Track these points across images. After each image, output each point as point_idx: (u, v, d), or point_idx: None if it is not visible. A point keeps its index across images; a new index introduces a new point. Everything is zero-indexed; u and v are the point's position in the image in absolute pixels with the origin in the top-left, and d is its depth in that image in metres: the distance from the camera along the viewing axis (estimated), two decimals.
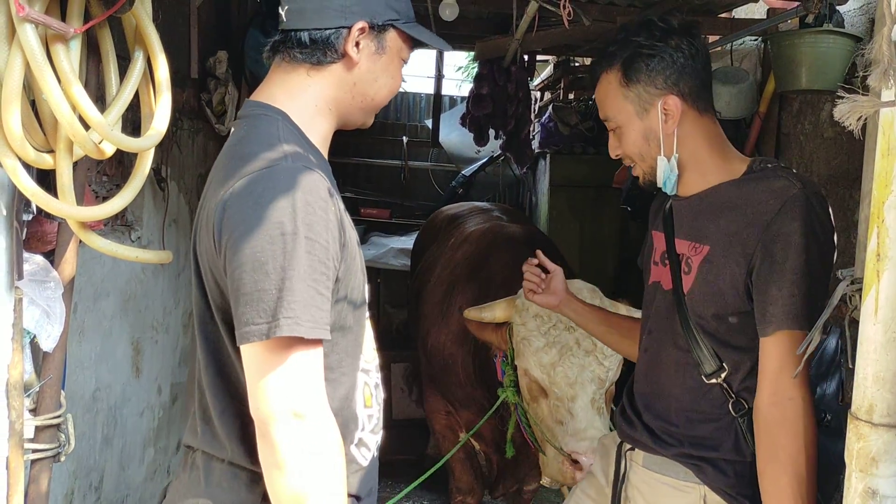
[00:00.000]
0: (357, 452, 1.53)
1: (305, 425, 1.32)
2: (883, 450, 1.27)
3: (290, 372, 1.32)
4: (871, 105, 1.19)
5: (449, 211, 4.71)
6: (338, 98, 1.50)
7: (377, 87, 1.52)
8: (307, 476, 1.32)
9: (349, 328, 1.48)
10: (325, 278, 1.34)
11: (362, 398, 1.54)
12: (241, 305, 1.32)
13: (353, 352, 1.51)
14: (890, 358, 1.27)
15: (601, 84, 1.79)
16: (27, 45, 1.46)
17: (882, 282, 1.26)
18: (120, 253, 1.83)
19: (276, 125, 1.43)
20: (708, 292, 1.67)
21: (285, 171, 1.33)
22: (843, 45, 2.90)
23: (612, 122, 1.77)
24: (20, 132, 1.52)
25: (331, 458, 1.35)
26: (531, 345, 2.60)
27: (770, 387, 1.58)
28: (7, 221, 1.70)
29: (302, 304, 1.30)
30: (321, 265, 1.33)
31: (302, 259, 1.30)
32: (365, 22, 1.45)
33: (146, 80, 1.78)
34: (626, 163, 1.82)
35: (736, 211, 1.65)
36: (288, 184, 1.31)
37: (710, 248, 1.68)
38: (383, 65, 1.51)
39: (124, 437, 3.15)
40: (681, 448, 1.73)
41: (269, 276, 1.29)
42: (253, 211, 1.31)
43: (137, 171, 1.79)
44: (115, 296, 2.97)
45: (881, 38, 1.18)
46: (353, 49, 1.46)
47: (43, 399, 1.87)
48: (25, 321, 1.77)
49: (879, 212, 1.26)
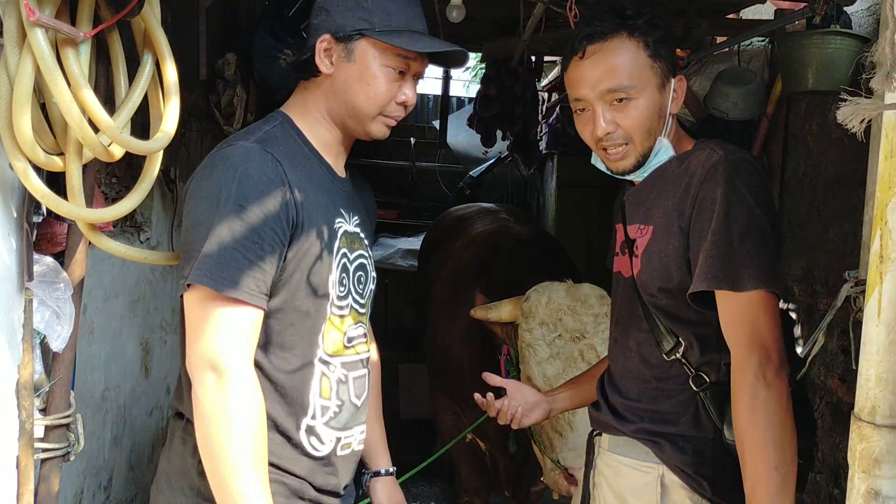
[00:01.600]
0: (304, 439, 1.61)
1: (221, 380, 1.44)
2: (886, 451, 1.27)
3: (210, 326, 1.45)
4: (873, 108, 1.20)
5: (456, 212, 4.72)
6: (328, 107, 1.66)
7: (352, 94, 1.63)
8: (219, 429, 1.43)
9: (306, 313, 1.58)
10: (256, 247, 1.46)
11: (318, 387, 1.61)
12: (182, 262, 1.51)
13: (310, 338, 1.60)
14: (893, 359, 1.27)
15: (616, 48, 1.67)
16: (38, 49, 1.47)
17: (885, 283, 1.27)
18: (129, 254, 1.84)
19: (272, 123, 1.63)
20: (653, 269, 1.68)
21: (239, 150, 1.51)
22: (851, 46, 2.89)
23: (625, 91, 1.66)
24: (31, 135, 1.54)
25: (244, 416, 1.44)
26: (536, 354, 2.60)
27: (733, 348, 1.58)
28: (17, 223, 1.71)
29: (217, 259, 1.43)
30: (254, 234, 1.45)
31: (231, 222, 1.44)
32: (328, 35, 1.61)
33: (155, 83, 1.80)
34: (610, 142, 1.71)
35: (674, 187, 1.67)
36: (237, 160, 1.49)
37: (654, 228, 1.70)
38: (355, 73, 1.62)
39: (133, 437, 3.17)
40: (640, 423, 1.73)
41: (201, 234, 1.45)
42: (204, 180, 1.50)
43: (146, 173, 1.80)
44: (124, 297, 2.99)
45: (884, 41, 1.19)
46: (322, 62, 1.62)
47: (53, 399, 1.88)
48: (35, 322, 1.79)
49: (882, 214, 1.26)
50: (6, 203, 1.68)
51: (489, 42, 4.45)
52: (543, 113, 6.48)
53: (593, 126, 1.70)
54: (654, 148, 1.71)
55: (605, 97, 1.67)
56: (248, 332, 1.48)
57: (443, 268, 3.92)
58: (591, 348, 2.54)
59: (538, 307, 2.64)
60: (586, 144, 1.78)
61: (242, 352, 1.47)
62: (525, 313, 2.68)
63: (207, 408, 1.44)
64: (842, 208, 3.05)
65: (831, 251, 3.09)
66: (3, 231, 1.68)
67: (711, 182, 1.59)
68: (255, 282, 1.46)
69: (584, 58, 1.69)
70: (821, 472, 3.01)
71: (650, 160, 1.72)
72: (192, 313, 1.47)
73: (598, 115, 1.69)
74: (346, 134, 1.71)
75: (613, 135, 1.69)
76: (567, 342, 2.59)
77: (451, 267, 3.81)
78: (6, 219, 1.68)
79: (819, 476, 3.01)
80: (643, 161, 1.72)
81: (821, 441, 2.99)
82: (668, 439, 1.70)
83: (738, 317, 1.57)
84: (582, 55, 1.69)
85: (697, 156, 1.67)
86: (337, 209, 1.65)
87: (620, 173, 1.76)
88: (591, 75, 1.68)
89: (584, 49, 1.68)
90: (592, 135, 1.72)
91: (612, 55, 1.67)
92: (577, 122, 1.77)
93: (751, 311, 1.56)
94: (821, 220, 3.20)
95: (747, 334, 1.56)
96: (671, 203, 1.66)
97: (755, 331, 1.55)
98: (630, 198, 1.82)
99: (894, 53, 1.17)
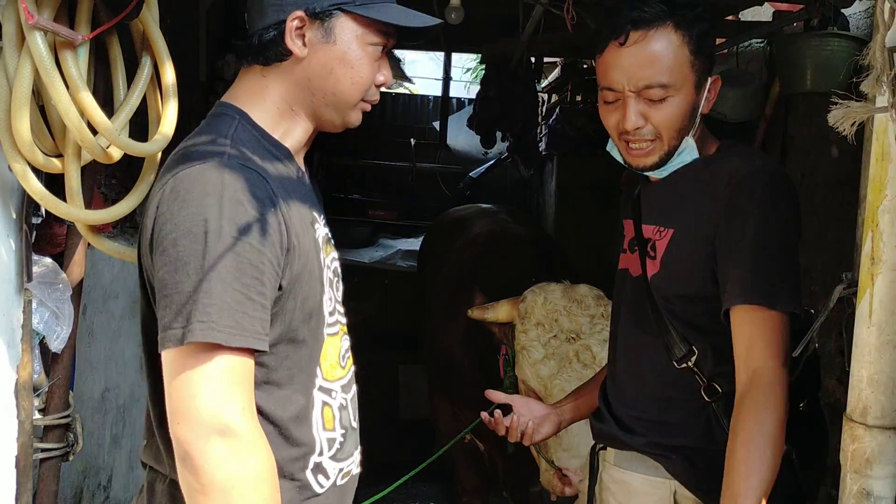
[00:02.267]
0: (312, 478, 1.41)
1: (236, 445, 1.19)
2: (877, 451, 1.29)
3: (212, 383, 1.19)
4: (864, 111, 1.21)
5: (455, 213, 4.72)
6: (297, 97, 1.40)
7: (334, 80, 1.39)
8: (242, 500, 1.20)
9: (302, 341, 1.37)
10: (256, 283, 1.23)
11: (321, 419, 1.42)
12: (160, 308, 1.22)
13: (308, 368, 1.40)
14: (884, 360, 1.28)
15: (660, 39, 1.55)
16: (36, 52, 1.49)
17: (876, 285, 1.28)
18: (127, 255, 1.86)
19: (230, 124, 1.36)
20: (673, 275, 1.63)
21: (216, 169, 1.25)
22: (848, 47, 2.90)
23: (664, 89, 1.56)
24: (29, 137, 1.55)
25: (262, 481, 1.23)
26: (530, 356, 2.60)
27: (742, 364, 1.53)
28: (17, 225, 1.73)
29: (220, 307, 1.19)
30: (251, 268, 1.22)
31: (226, 260, 1.20)
32: (301, 11, 1.34)
33: (153, 85, 1.81)
34: (636, 137, 1.61)
35: (701, 191, 1.61)
36: (217, 181, 1.23)
37: (675, 231, 1.64)
38: (337, 55, 1.37)
39: (133, 437, 3.18)
40: (650, 437, 1.67)
41: (190, 277, 1.19)
42: (179, 209, 1.22)
43: (145, 174, 1.82)
44: (123, 297, 3.00)
45: (875, 45, 1.20)
46: (293, 43, 1.35)
47: (52, 399, 1.90)
48: (34, 322, 1.80)
49: (874, 216, 1.27)
50: (5, 205, 1.69)
51: (489, 43, 4.46)
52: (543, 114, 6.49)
53: (622, 118, 1.60)
54: (679, 147, 1.62)
55: (641, 92, 1.57)
56: (251, 381, 1.26)
57: (442, 269, 3.92)
58: (586, 349, 2.53)
59: (534, 308, 2.64)
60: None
61: (251, 406, 1.25)
62: (521, 314, 2.68)
63: (224, 480, 1.19)
64: (840, 210, 3.06)
65: (829, 252, 3.10)
66: (2, 232, 1.69)
67: (746, 193, 1.54)
68: (260, 324, 1.24)
69: (625, 44, 1.56)
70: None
71: (673, 159, 1.63)
72: (184, 369, 1.20)
73: (629, 107, 1.58)
74: (316, 126, 1.46)
75: (642, 130, 1.59)
76: (562, 343, 2.59)
77: (451, 268, 3.82)
78: (5, 220, 1.70)
79: None
80: (666, 159, 1.63)
81: None
82: (679, 453, 1.64)
83: (761, 333, 1.51)
84: (623, 41, 1.55)
85: (730, 161, 1.60)
86: (312, 215, 1.43)
87: (640, 170, 1.67)
88: (630, 65, 1.56)
89: (628, 34, 1.55)
90: (618, 126, 1.61)
91: (655, 47, 1.55)
92: (603, 109, 1.66)
93: (775, 330, 1.51)
94: (819, 222, 3.21)
95: (769, 351, 1.51)
96: (697, 208, 1.60)
97: (776, 348, 1.51)
98: (646, 195, 1.73)
99: (884, 57, 1.18)
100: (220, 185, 1.23)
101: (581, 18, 2.99)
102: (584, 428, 2.47)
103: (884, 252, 1.26)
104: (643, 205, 1.74)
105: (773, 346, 1.51)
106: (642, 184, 1.76)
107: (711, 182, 1.60)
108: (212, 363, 1.20)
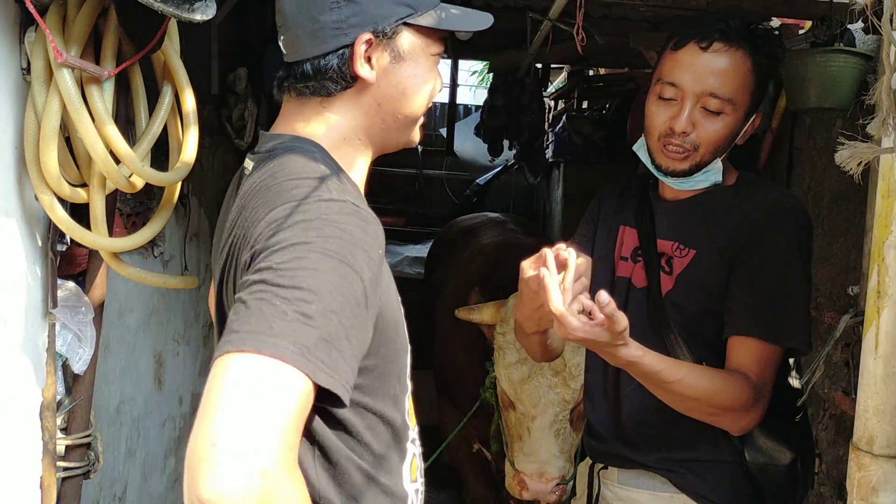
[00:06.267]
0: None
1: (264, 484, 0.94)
2: (883, 479, 1.32)
3: (273, 408, 0.95)
4: (870, 151, 1.24)
5: (463, 223, 4.75)
6: (365, 125, 1.28)
7: (406, 100, 1.28)
8: None
9: (394, 396, 1.27)
10: (358, 332, 1.07)
11: (409, 471, 1.30)
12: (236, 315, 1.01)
13: (403, 419, 1.30)
14: (890, 391, 1.32)
15: (737, 58, 1.61)
16: (65, 88, 1.53)
17: (882, 318, 1.32)
18: (148, 279, 1.90)
19: (316, 158, 1.22)
20: (692, 292, 1.67)
21: (342, 207, 1.11)
22: (854, 63, 2.92)
23: (725, 103, 1.61)
24: (57, 170, 1.59)
25: None
26: (504, 357, 2.64)
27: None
28: (42, 252, 1.77)
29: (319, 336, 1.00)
30: (357, 318, 1.07)
31: (347, 300, 1.05)
32: (369, 33, 1.22)
33: (174, 112, 1.85)
34: (678, 141, 1.63)
35: (727, 217, 1.68)
36: (350, 223, 1.10)
37: (697, 252, 1.69)
38: (408, 73, 1.27)
39: (147, 448, 3.22)
40: (658, 452, 1.70)
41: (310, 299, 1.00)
42: (322, 239, 1.06)
43: (166, 201, 1.86)
44: (138, 311, 3.04)
45: (881, 87, 1.24)
46: (363, 69, 1.23)
47: (74, 419, 1.94)
48: (58, 345, 1.84)
49: (880, 251, 1.31)
50: (32, 233, 1.73)
51: (496, 52, 4.49)
52: (550, 121, 6.53)
53: (674, 117, 1.63)
54: (710, 165, 1.67)
55: (703, 98, 1.61)
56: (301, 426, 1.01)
57: (449, 278, 3.95)
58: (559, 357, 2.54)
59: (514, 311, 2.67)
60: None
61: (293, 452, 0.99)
62: (502, 317, 2.71)
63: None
64: (845, 222, 3.08)
65: (835, 264, 3.13)
66: (28, 260, 1.73)
67: (777, 228, 1.62)
68: (350, 373, 1.05)
69: (707, 49, 1.61)
70: (825, 483, 3.05)
71: (698, 174, 1.67)
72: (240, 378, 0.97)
73: (684, 110, 1.62)
74: (380, 151, 1.35)
75: (687, 136, 1.63)
76: None
77: (458, 277, 3.85)
78: (32, 248, 1.73)
79: (823, 488, 3.05)
80: (695, 170, 1.67)
81: (824, 453, 3.03)
82: (688, 467, 1.68)
83: (757, 359, 1.60)
84: (706, 46, 1.61)
85: (763, 193, 1.70)
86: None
87: (668, 173, 1.68)
88: (704, 70, 1.61)
89: (712, 41, 1.60)
90: (665, 125, 1.64)
91: (730, 62, 1.61)
92: (654, 104, 1.68)
93: (771, 359, 1.61)
94: (824, 234, 3.23)
95: (759, 373, 1.59)
96: (722, 233, 1.66)
97: (766, 374, 1.60)
98: (662, 210, 1.76)
99: (890, 99, 1.21)
100: (351, 225, 1.10)
101: (588, 33, 3.02)
102: (543, 434, 2.48)
103: (889, 286, 1.30)
104: (658, 218, 1.76)
105: (758, 368, 1.59)
106: (657, 202, 1.78)
107: (741, 208, 1.67)
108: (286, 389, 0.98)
